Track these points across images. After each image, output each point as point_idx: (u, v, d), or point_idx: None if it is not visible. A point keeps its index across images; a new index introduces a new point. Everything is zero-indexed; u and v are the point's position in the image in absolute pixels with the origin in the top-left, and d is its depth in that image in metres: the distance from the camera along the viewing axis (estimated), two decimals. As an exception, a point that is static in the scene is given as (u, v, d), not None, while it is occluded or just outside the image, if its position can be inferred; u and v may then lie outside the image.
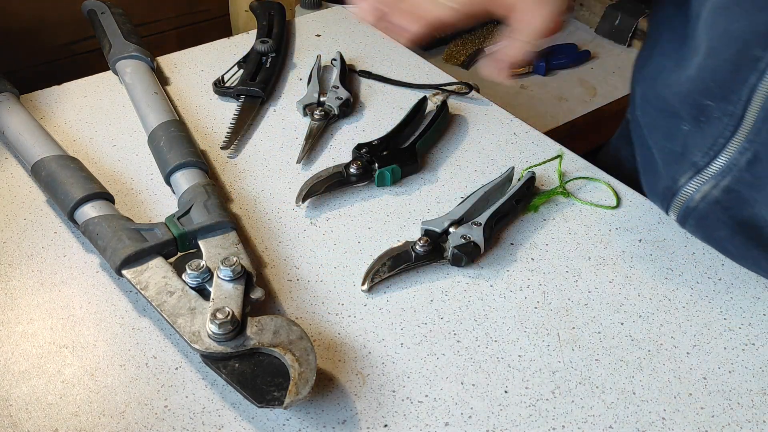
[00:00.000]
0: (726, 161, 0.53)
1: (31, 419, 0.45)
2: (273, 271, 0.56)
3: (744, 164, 0.51)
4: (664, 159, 0.58)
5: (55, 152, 0.61)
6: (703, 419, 0.46)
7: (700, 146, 0.54)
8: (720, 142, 0.52)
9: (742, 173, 0.52)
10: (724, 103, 0.51)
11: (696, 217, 0.56)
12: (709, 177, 0.54)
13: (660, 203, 0.59)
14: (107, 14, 0.81)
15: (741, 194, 0.53)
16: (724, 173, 0.53)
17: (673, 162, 0.57)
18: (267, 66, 0.77)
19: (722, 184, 0.53)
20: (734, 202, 0.53)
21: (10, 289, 0.53)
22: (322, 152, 0.69)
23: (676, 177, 0.56)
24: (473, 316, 0.52)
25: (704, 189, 0.54)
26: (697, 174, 0.55)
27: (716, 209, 0.54)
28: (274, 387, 0.44)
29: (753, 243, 0.54)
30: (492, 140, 0.71)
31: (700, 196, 0.55)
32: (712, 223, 0.55)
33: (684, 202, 0.56)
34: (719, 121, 0.52)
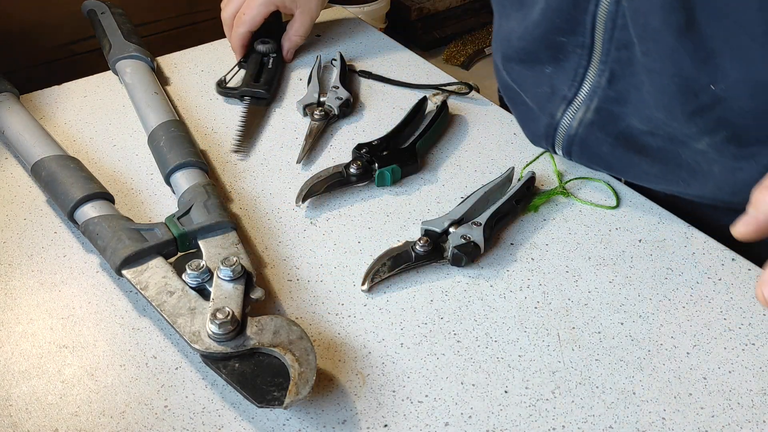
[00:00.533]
0: (590, 86, 0.60)
1: (31, 419, 0.45)
2: (273, 271, 0.56)
3: (605, 84, 0.59)
4: (538, 103, 0.65)
5: (55, 152, 0.61)
6: (703, 419, 0.46)
7: (564, 81, 0.61)
8: (580, 72, 0.60)
9: (605, 92, 0.59)
10: (574, 36, 0.58)
11: (578, 143, 0.63)
12: (580, 104, 0.61)
13: (545, 143, 0.66)
14: (107, 14, 0.81)
15: (610, 111, 0.60)
16: (591, 96, 0.60)
17: (547, 102, 0.64)
18: (269, 67, 0.77)
19: (592, 106, 0.61)
20: (606, 119, 0.61)
21: (10, 289, 0.53)
22: (322, 152, 0.69)
23: (553, 113, 0.63)
24: (473, 316, 0.52)
25: (578, 115, 0.62)
26: (570, 105, 0.62)
27: (593, 130, 0.62)
28: (274, 387, 0.44)
29: (631, 151, 0.61)
30: (492, 140, 0.71)
31: (577, 122, 0.62)
32: (593, 143, 0.62)
33: (565, 133, 0.63)
34: (574, 54, 0.59)
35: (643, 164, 0.61)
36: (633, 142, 0.61)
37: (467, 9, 1.57)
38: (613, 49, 0.57)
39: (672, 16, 0.51)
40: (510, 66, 0.67)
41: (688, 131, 0.56)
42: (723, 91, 0.54)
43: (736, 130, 0.55)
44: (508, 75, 0.68)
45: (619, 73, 0.58)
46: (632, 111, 0.59)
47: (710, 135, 0.56)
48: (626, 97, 0.59)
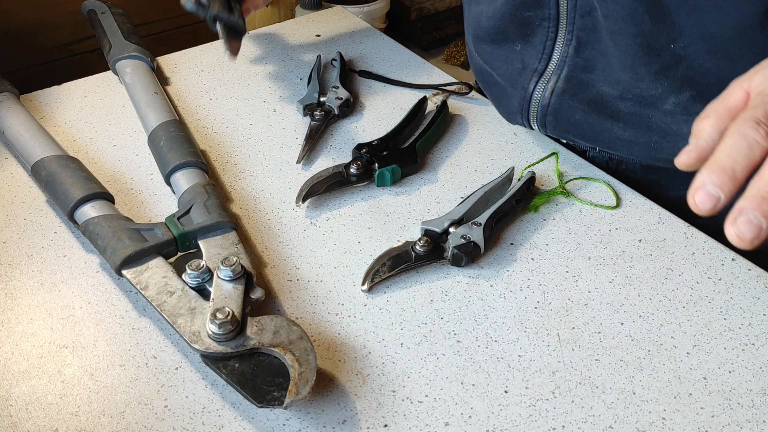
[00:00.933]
0: (558, 56, 0.62)
1: (31, 419, 0.45)
2: (273, 271, 0.56)
3: (572, 52, 0.61)
4: (509, 80, 0.67)
5: (55, 152, 0.61)
6: (703, 419, 0.46)
7: (534, 55, 0.64)
8: (548, 44, 0.62)
9: (573, 60, 0.62)
10: (540, 9, 0.61)
11: (552, 113, 0.65)
12: (550, 74, 0.63)
13: (521, 118, 0.68)
14: (107, 14, 0.81)
15: (580, 78, 0.62)
16: (561, 66, 0.63)
17: (518, 77, 0.66)
18: None
19: (562, 75, 0.63)
20: (577, 87, 0.63)
21: (10, 289, 0.53)
22: (322, 152, 0.69)
23: (525, 87, 0.66)
24: (473, 316, 0.52)
25: (550, 86, 0.64)
26: (541, 77, 0.64)
27: (565, 98, 0.64)
28: (274, 387, 0.44)
29: (603, 116, 0.63)
30: (492, 140, 0.71)
31: (549, 93, 0.64)
32: (566, 112, 0.64)
33: (538, 104, 0.65)
34: (541, 27, 0.62)
35: (615, 130, 0.63)
36: (604, 107, 0.63)
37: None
38: (577, 16, 0.59)
39: None
40: (481, 47, 0.70)
41: (654, 92, 0.59)
42: (682, 49, 0.56)
43: (700, 89, 0.57)
44: (480, 56, 0.71)
45: (585, 39, 0.60)
46: (601, 76, 0.61)
47: (676, 95, 0.58)
48: (594, 64, 0.61)
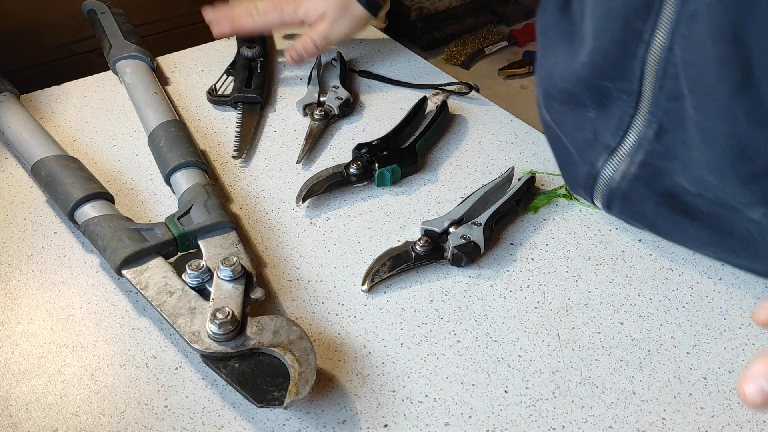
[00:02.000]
0: (636, 137, 0.55)
1: (31, 419, 0.45)
2: (273, 271, 0.56)
3: (652, 136, 0.54)
4: (578, 148, 0.60)
5: (55, 152, 0.61)
6: (703, 419, 0.46)
7: (608, 128, 0.56)
8: (626, 120, 0.55)
9: (652, 145, 0.54)
10: (621, 82, 0.54)
11: (620, 197, 0.58)
12: (624, 155, 0.56)
13: (584, 193, 0.61)
14: (107, 14, 0.81)
15: (656, 166, 0.55)
16: (637, 149, 0.55)
17: (588, 149, 0.59)
18: (258, 71, 0.77)
19: (637, 159, 0.55)
20: (652, 175, 0.55)
21: (10, 289, 0.53)
22: (322, 152, 0.69)
23: (594, 162, 0.58)
24: (473, 316, 0.52)
25: (622, 168, 0.56)
26: (612, 155, 0.57)
27: (637, 185, 0.56)
28: (274, 387, 0.44)
29: (676, 211, 0.56)
30: (492, 140, 0.71)
31: (620, 175, 0.57)
32: (636, 199, 0.57)
33: (606, 185, 0.58)
34: (620, 100, 0.55)
35: (689, 227, 0.56)
36: (680, 202, 0.55)
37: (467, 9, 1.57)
38: (663, 99, 0.52)
39: (727, 70, 0.46)
40: (551, 104, 0.63)
41: (741, 198, 0.51)
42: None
43: None
44: (548, 113, 0.64)
45: (669, 126, 0.53)
46: (681, 169, 0.54)
47: (766, 205, 0.51)
48: (675, 153, 0.53)
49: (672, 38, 0.49)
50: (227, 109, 0.74)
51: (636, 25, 0.51)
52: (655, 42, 0.50)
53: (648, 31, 0.50)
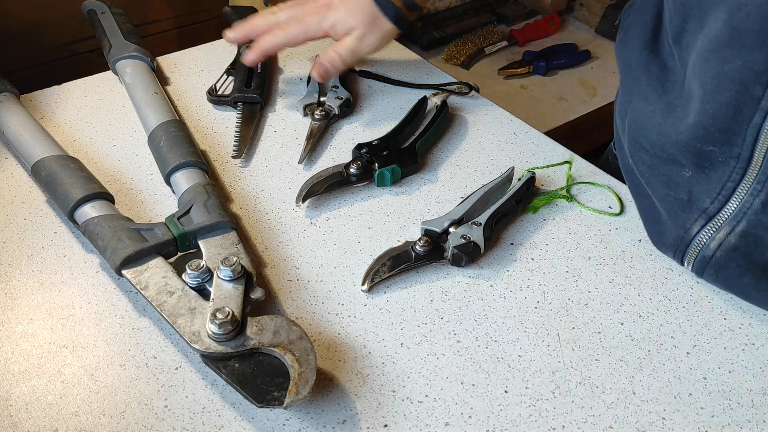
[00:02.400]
0: (738, 205, 0.50)
1: (31, 419, 0.45)
2: (273, 271, 0.56)
3: (758, 206, 0.49)
4: (668, 208, 0.56)
5: (55, 152, 0.61)
6: (703, 419, 0.46)
7: (707, 192, 0.52)
8: (729, 186, 0.51)
9: (757, 216, 0.50)
10: (729, 147, 0.50)
11: (714, 266, 0.53)
12: (723, 223, 0.52)
13: (672, 254, 0.56)
14: (107, 14, 0.81)
15: (760, 237, 0.50)
16: (738, 217, 0.51)
17: (680, 210, 0.54)
18: (258, 71, 0.77)
19: (738, 229, 0.51)
20: (753, 246, 0.51)
21: (10, 289, 0.53)
22: (322, 152, 0.69)
23: (686, 226, 0.54)
24: (473, 316, 0.52)
25: (719, 236, 0.52)
26: (710, 221, 0.52)
27: (735, 256, 0.52)
28: (274, 387, 0.44)
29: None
30: (492, 140, 0.71)
31: (716, 243, 0.52)
32: (733, 270, 0.53)
33: (699, 252, 0.54)
34: (725, 165, 0.50)
35: None
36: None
37: (467, 9, 1.57)
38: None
39: None
40: (639, 155, 0.58)
41: None
42: None
43: None
44: (634, 163, 0.59)
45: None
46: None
47: None
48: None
49: None
50: (227, 109, 0.74)
51: (755, 90, 0.47)
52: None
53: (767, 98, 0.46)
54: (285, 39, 0.71)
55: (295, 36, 0.71)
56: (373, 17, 0.71)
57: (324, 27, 0.71)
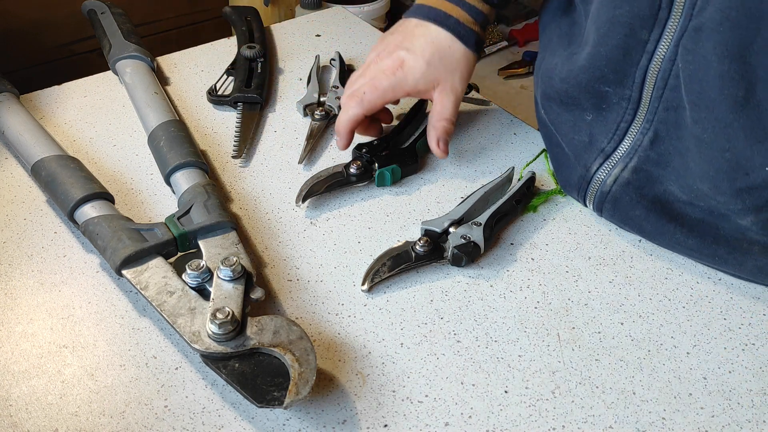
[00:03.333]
0: (630, 143, 0.56)
1: (31, 419, 0.45)
2: (273, 271, 0.56)
3: (647, 144, 0.55)
4: (573, 151, 0.61)
5: (55, 152, 0.61)
6: (703, 419, 0.46)
7: (605, 133, 0.57)
8: (622, 126, 0.56)
9: (646, 152, 0.55)
10: (621, 88, 0.54)
11: (611, 201, 0.59)
12: (618, 160, 0.57)
13: (576, 195, 0.62)
14: (107, 14, 0.81)
15: (649, 173, 0.56)
16: (631, 154, 0.56)
17: (583, 152, 0.59)
18: (258, 71, 0.77)
19: (630, 165, 0.56)
20: (644, 181, 0.56)
21: (10, 289, 0.53)
22: (323, 152, 0.69)
23: (588, 165, 0.59)
24: (473, 316, 0.52)
25: (614, 172, 0.57)
26: (607, 159, 0.58)
27: (628, 190, 0.57)
28: (274, 387, 0.44)
29: (666, 218, 0.56)
30: (492, 140, 0.71)
31: (612, 179, 0.58)
32: (626, 204, 0.58)
33: (598, 188, 0.59)
34: (619, 106, 0.55)
35: (677, 234, 0.56)
36: (669, 209, 0.56)
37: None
38: (661, 108, 0.53)
39: (730, 87, 0.47)
40: (549, 105, 0.63)
41: (732, 207, 0.52)
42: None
43: None
44: (545, 113, 0.64)
45: (665, 134, 0.54)
46: (673, 177, 0.55)
47: (756, 213, 0.51)
48: (668, 162, 0.55)
49: (675, 50, 0.50)
50: (227, 109, 0.74)
51: (641, 34, 0.51)
52: (658, 52, 0.51)
53: (652, 42, 0.51)
54: (362, 110, 0.63)
55: (372, 105, 0.63)
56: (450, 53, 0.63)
57: (406, 89, 0.63)
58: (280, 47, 0.85)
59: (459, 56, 0.63)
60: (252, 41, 0.81)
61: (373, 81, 0.63)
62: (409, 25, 0.64)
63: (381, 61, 0.63)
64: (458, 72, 0.63)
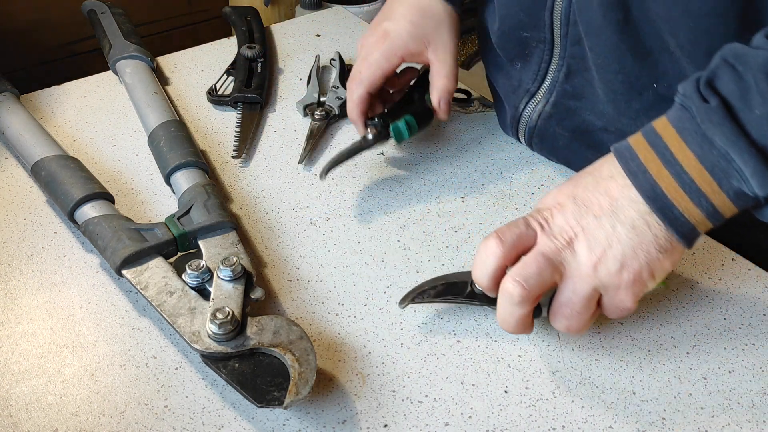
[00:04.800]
0: (550, 81, 0.62)
1: (31, 419, 0.45)
2: (273, 271, 0.56)
3: (562, 78, 0.61)
4: (505, 95, 0.68)
5: (55, 152, 0.61)
6: (703, 419, 0.46)
7: (530, 76, 0.64)
8: (543, 66, 0.62)
9: (563, 86, 0.61)
10: (536, 31, 0.60)
11: (538, 135, 0.66)
12: (541, 97, 0.64)
13: (512, 133, 0.69)
14: (107, 14, 0.81)
15: (566, 105, 0.62)
16: (550, 91, 0.62)
17: (512, 94, 0.66)
18: (258, 71, 0.77)
19: (551, 100, 0.63)
20: (563, 113, 0.63)
21: (10, 289, 0.53)
22: (323, 152, 0.69)
23: (517, 105, 0.66)
24: (473, 316, 0.52)
25: (538, 109, 0.64)
26: (531, 98, 0.64)
27: (551, 123, 0.64)
28: (274, 387, 0.44)
29: (585, 145, 0.63)
30: (492, 140, 0.71)
31: (536, 115, 0.65)
32: (551, 136, 0.65)
33: (526, 124, 0.66)
34: (537, 49, 0.62)
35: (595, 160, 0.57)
36: (588, 137, 0.62)
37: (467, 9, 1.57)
38: (568, 44, 0.59)
39: (610, 12, 0.53)
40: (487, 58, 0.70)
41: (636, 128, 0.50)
42: (665, 90, 0.55)
43: None
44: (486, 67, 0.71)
45: (575, 68, 0.60)
46: (587, 106, 0.61)
47: None
48: (581, 92, 0.60)
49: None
50: (227, 109, 0.74)
51: None
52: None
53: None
54: (364, 89, 0.63)
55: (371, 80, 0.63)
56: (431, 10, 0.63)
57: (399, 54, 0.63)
58: (280, 47, 0.85)
59: (440, 10, 0.64)
60: (252, 41, 0.81)
61: (366, 58, 0.63)
62: (388, 2, 0.67)
63: (367, 40, 0.65)
64: (444, 26, 0.64)
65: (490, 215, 0.62)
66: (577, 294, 0.45)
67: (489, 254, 0.46)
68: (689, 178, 0.43)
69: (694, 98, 0.43)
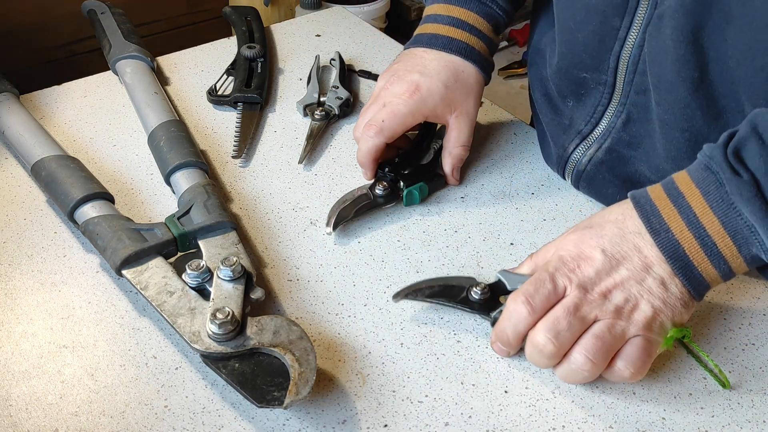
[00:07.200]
0: (605, 125, 0.60)
1: (31, 419, 0.45)
2: (273, 271, 0.56)
3: (620, 126, 0.58)
4: (553, 132, 0.65)
5: (55, 152, 0.61)
6: (703, 419, 0.46)
7: (583, 116, 0.61)
8: (599, 109, 0.59)
9: (619, 134, 0.59)
10: (597, 73, 0.58)
11: (586, 179, 0.63)
12: (593, 141, 0.61)
13: (557, 170, 0.65)
14: (107, 14, 0.81)
15: (621, 153, 0.60)
16: (605, 136, 0.60)
17: (562, 133, 0.63)
18: (258, 71, 0.77)
19: (604, 146, 0.60)
20: (616, 161, 0.60)
21: (10, 289, 0.53)
22: (323, 152, 0.69)
23: (566, 145, 0.63)
24: (473, 316, 0.52)
25: (590, 153, 0.61)
26: (583, 140, 0.62)
27: (602, 169, 0.61)
28: (274, 387, 0.44)
29: None
30: (492, 140, 0.71)
31: (587, 159, 0.62)
32: (600, 182, 0.62)
33: (574, 166, 0.63)
34: (596, 91, 0.59)
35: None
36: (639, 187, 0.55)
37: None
38: (632, 92, 0.56)
39: (685, 70, 0.50)
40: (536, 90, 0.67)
41: None
42: None
43: None
44: (533, 97, 0.68)
45: (635, 117, 0.57)
46: (642, 157, 0.58)
47: None
48: (638, 142, 0.58)
49: (643, 37, 0.53)
50: (227, 109, 0.74)
51: (613, 21, 0.55)
52: (629, 39, 0.55)
53: (624, 29, 0.54)
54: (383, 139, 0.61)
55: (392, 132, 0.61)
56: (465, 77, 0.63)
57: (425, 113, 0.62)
58: (280, 47, 0.85)
59: (473, 80, 0.64)
60: (252, 41, 0.81)
61: (391, 107, 0.61)
62: (416, 53, 0.64)
63: (393, 87, 0.62)
64: (472, 96, 0.64)
65: (490, 215, 0.62)
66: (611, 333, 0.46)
67: (520, 320, 0.47)
68: (711, 242, 0.45)
69: (723, 166, 0.44)
